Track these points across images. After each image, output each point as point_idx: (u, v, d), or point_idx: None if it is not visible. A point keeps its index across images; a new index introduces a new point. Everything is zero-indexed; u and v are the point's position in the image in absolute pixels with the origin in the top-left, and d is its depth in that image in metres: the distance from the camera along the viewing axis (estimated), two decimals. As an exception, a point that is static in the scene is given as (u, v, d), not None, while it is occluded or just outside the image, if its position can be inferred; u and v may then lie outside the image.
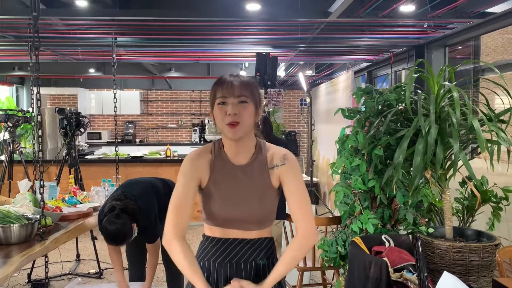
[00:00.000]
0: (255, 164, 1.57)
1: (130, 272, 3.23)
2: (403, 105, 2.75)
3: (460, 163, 2.39)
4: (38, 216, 2.58)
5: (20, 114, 5.31)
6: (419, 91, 2.80)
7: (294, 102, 10.80)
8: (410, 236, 2.69)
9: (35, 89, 2.61)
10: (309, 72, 7.88)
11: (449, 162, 2.66)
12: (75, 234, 2.93)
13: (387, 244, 2.55)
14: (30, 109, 9.76)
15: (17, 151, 5.36)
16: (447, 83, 2.58)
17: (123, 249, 3.24)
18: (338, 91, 6.81)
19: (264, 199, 1.56)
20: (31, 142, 9.83)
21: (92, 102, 10.17)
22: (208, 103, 1.58)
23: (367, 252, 2.51)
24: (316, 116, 8.09)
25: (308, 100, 6.29)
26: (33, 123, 9.40)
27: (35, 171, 3.88)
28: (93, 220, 3.13)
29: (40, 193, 2.57)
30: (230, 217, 1.55)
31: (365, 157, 2.78)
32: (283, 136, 9.75)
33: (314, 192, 6.65)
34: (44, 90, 9.83)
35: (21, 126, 7.75)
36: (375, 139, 2.76)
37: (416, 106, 2.63)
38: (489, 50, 5.52)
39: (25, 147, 8.22)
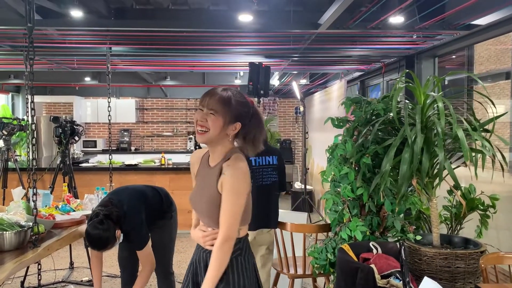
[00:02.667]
0: (216, 168, 1.79)
1: (121, 277, 3.25)
2: (391, 114, 2.81)
3: (446, 171, 2.45)
4: (31, 224, 2.62)
5: (15, 122, 5.34)
6: (407, 101, 2.87)
7: (289, 110, 10.88)
8: (398, 243, 2.73)
9: (30, 98, 2.65)
10: (303, 81, 7.97)
11: (436, 170, 2.72)
12: (68, 241, 2.96)
13: (374, 251, 2.59)
14: (26, 117, 9.81)
15: (12, 159, 5.38)
16: (433, 93, 2.64)
17: (114, 255, 3.26)
18: (332, 100, 6.87)
19: (210, 202, 1.77)
20: (26, 150, 9.85)
21: (87, 110, 10.21)
22: None
23: (355, 259, 2.55)
24: (311, 124, 8.16)
25: (302, 108, 6.36)
26: (28, 131, 9.44)
27: (29, 179, 3.91)
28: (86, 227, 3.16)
29: (33, 201, 2.60)
30: (196, 211, 1.88)
31: (353, 166, 2.83)
32: (278, 145, 9.81)
33: (308, 200, 6.69)
34: (39, 98, 9.86)
35: (16, 134, 7.78)
36: (363, 147, 2.82)
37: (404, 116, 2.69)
38: (482, 59, 5.60)
39: (20, 155, 8.24)
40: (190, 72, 8.34)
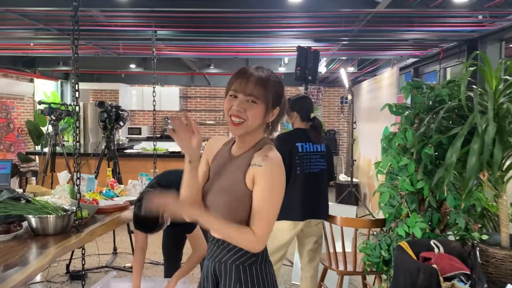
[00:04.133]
0: (242, 158, 1.54)
1: (165, 267, 3.19)
2: (457, 101, 2.55)
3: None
4: (75, 208, 2.57)
5: (63, 107, 5.42)
6: (474, 86, 2.60)
7: (334, 100, 10.57)
8: (468, 243, 2.49)
9: (77, 81, 2.58)
10: (351, 69, 7.66)
11: (507, 163, 2.45)
12: (111, 227, 2.91)
13: (436, 250, 2.37)
14: (73, 103, 10.03)
15: (60, 144, 5.47)
16: (508, 77, 2.36)
17: (157, 241, 3.20)
18: (382, 88, 6.56)
19: (232, 196, 1.50)
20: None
21: (133, 98, 10.33)
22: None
23: (414, 258, 2.33)
24: (357, 114, 7.83)
25: (350, 97, 6.09)
26: (74, 118, 9.66)
27: (74, 163, 3.91)
28: (129, 213, 3.10)
29: (77, 185, 2.55)
30: (206, 204, 1.57)
31: (414, 157, 2.59)
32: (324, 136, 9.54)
33: (354, 193, 6.44)
34: (86, 85, 10.07)
35: (65, 120, 7.96)
36: (425, 137, 2.58)
37: (472, 103, 2.43)
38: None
39: (68, 141, 8.44)
40: (233, 60, 8.20)
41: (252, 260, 1.53)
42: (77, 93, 2.52)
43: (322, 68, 7.55)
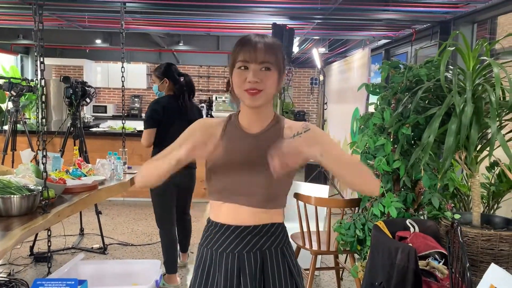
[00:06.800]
0: (270, 133, 1.43)
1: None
2: (434, 81, 2.56)
3: (496, 144, 2.21)
4: (41, 188, 2.43)
5: (24, 83, 5.14)
6: (451, 67, 2.61)
7: (304, 81, 10.55)
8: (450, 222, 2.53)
9: (42, 52, 2.41)
10: (322, 50, 7.62)
11: (480, 144, 2.49)
12: (80, 208, 2.78)
13: (411, 229, 2.39)
14: (35, 79, 9.57)
15: (21, 122, 5.20)
16: (486, 57, 2.37)
17: (125, 223, 3.10)
18: (352, 69, 6.57)
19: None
20: (36, 113, 9.67)
21: (98, 75, 9.96)
22: (228, 66, 1.42)
23: (391, 237, 2.35)
24: (327, 96, 7.86)
25: (321, 78, 6.07)
26: (38, 93, 9.23)
27: (39, 141, 3.72)
28: (98, 194, 2.98)
29: (43, 163, 2.41)
30: (238, 187, 1.38)
31: (390, 137, 2.59)
32: (292, 117, 9.55)
33: (324, 173, 6.49)
34: (49, 61, 9.61)
35: (26, 96, 7.59)
36: (403, 117, 2.58)
37: (449, 84, 2.44)
38: (504, 32, 5.22)
39: (29, 118, 8.07)
40: (204, 37, 7.99)
41: (286, 237, 1.49)
42: (42, 65, 2.35)
43: (294, 48, 7.48)
